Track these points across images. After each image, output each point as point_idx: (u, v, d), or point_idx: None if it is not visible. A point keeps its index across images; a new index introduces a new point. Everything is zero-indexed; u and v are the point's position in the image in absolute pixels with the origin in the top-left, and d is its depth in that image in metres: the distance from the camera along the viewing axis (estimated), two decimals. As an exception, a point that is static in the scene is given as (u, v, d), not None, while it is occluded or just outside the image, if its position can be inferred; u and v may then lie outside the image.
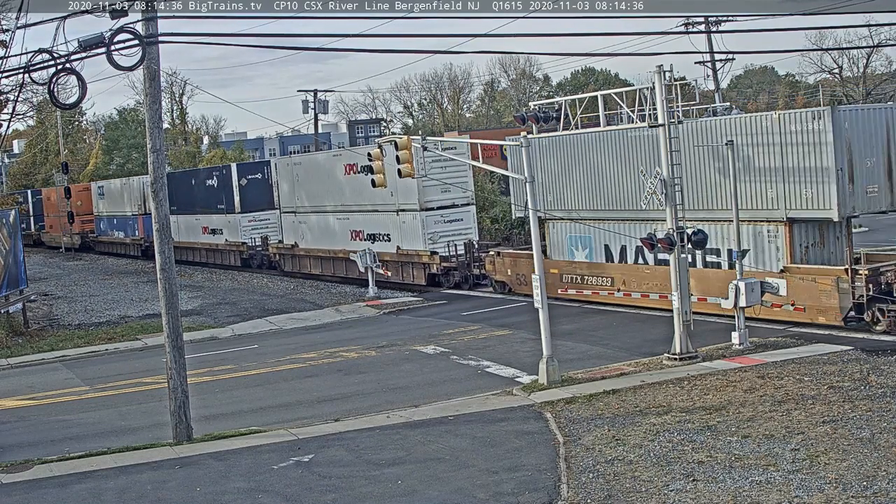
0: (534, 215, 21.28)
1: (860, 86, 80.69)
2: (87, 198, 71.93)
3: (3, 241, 33.93)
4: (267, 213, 49.98)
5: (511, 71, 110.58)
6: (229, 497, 14.82)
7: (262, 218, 50.23)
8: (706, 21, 47.12)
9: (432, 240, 36.56)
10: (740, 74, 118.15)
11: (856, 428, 15.40)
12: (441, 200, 37.02)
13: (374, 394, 21.37)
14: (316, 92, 62.52)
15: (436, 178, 34.76)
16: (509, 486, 14.23)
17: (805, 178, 23.33)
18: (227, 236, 51.35)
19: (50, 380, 25.97)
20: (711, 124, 25.43)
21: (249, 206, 50.09)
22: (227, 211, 50.87)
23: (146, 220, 58.77)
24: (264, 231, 49.64)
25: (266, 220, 50.07)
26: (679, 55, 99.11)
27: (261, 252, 49.03)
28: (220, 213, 51.57)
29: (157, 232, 18.68)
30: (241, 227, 49.97)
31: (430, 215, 36.80)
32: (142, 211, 60.69)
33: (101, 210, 69.88)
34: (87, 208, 71.70)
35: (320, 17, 26.46)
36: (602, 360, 22.44)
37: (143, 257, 59.73)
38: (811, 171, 23.15)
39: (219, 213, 51.63)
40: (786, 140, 23.54)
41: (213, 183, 52.64)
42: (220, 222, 51.95)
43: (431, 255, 36.57)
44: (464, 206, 37.41)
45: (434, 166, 35.19)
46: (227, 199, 50.77)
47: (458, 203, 37.40)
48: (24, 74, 18.24)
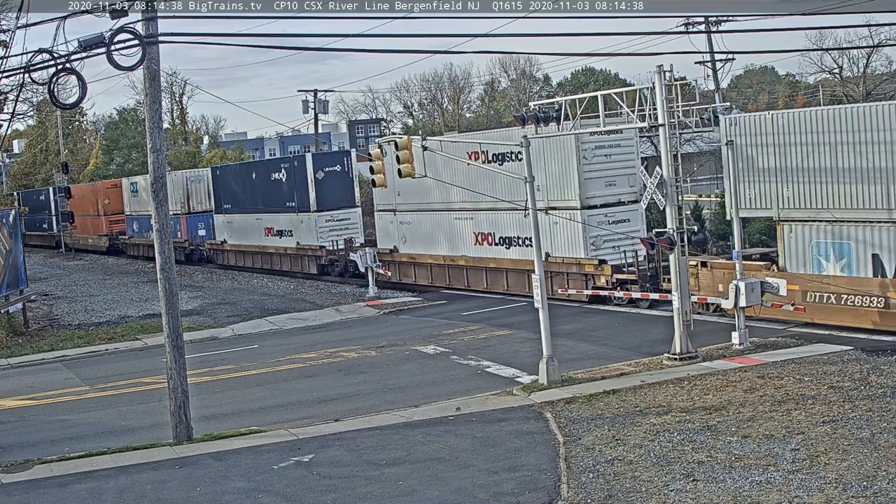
0: (534, 215, 21.28)
1: (860, 86, 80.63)
2: (117, 195, 64.51)
3: (4, 241, 33.92)
4: (347, 211, 43.65)
5: (511, 71, 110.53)
6: (229, 497, 14.82)
7: (340, 217, 43.60)
8: (706, 21, 47.09)
9: (595, 245, 29.98)
10: (740, 74, 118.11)
11: (856, 428, 15.40)
12: (605, 196, 30.50)
13: (374, 394, 21.37)
14: (316, 92, 62.50)
15: (599, 169, 29.61)
16: (509, 486, 14.23)
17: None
18: (300, 239, 44.37)
19: (50, 380, 25.97)
20: None
21: (327, 203, 43.22)
22: (300, 209, 43.97)
23: (190, 221, 54.84)
24: (343, 232, 42.77)
25: (345, 219, 43.62)
26: (679, 55, 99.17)
27: (345, 257, 41.34)
28: (289, 211, 44.85)
29: (158, 232, 18.69)
30: (318, 228, 43.06)
31: (592, 214, 30.02)
32: (185, 210, 55.06)
33: (134, 209, 61.79)
34: (117, 207, 64.59)
35: (320, 17, 26.52)
36: (602, 360, 22.44)
37: (188, 262, 54.06)
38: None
39: (288, 211, 44.92)
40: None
41: (281, 177, 45.81)
42: (290, 223, 45.07)
43: (599, 265, 29.64)
44: (631, 204, 30.74)
45: (597, 154, 29.79)
46: (298, 195, 43.65)
47: (625, 200, 30.80)
48: (24, 74, 18.28)
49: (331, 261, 42.55)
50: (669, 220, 21.85)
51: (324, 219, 43.16)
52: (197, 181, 54.70)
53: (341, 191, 43.40)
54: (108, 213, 65.47)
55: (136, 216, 61.63)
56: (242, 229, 49.65)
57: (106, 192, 65.65)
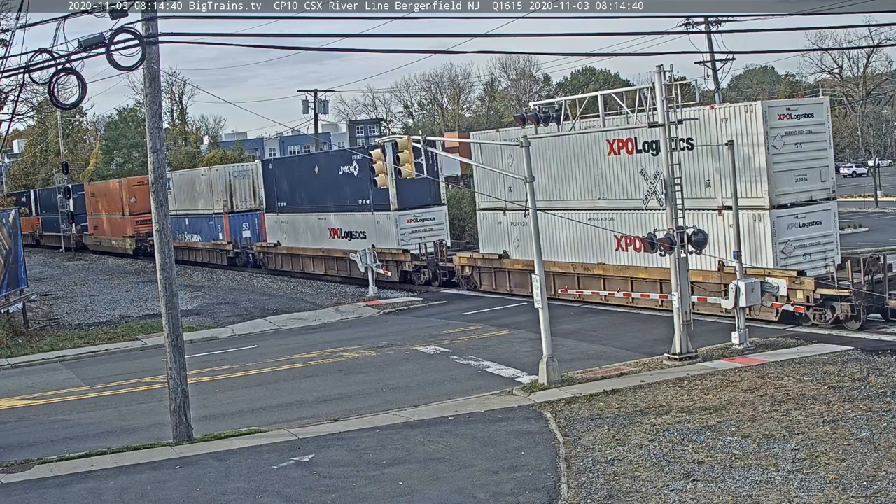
0: (534, 215, 21.29)
1: (860, 86, 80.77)
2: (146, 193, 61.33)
3: (4, 241, 33.93)
4: (431, 210, 38.23)
5: (511, 71, 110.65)
6: (229, 497, 14.82)
7: (424, 217, 38.16)
8: (706, 21, 47.08)
9: (785, 252, 24.90)
10: (740, 74, 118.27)
11: (856, 428, 15.40)
12: (796, 193, 25.32)
13: (374, 394, 21.37)
14: (316, 92, 62.51)
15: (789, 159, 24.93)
16: (509, 486, 14.23)
17: None
18: (375, 241, 38.95)
19: (50, 380, 25.97)
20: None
21: (409, 200, 37.88)
22: (376, 208, 38.88)
23: (234, 221, 50.75)
24: (427, 234, 37.69)
25: (430, 219, 38.28)
26: (679, 55, 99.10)
27: (436, 262, 36.40)
28: (362, 210, 39.91)
29: (157, 232, 18.68)
30: (399, 229, 37.89)
31: (782, 216, 24.91)
32: (227, 208, 50.67)
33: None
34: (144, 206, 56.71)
35: (320, 18, 26.50)
36: (602, 360, 22.44)
37: (232, 266, 50.65)
38: None
39: (361, 210, 39.99)
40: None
41: (352, 170, 40.17)
42: (363, 223, 40.10)
43: (797, 279, 24.00)
44: (824, 202, 25.76)
45: (787, 142, 24.93)
46: (375, 191, 37.08)
47: (818, 198, 25.72)
48: (24, 74, 18.26)
49: (416, 266, 37.45)
50: (669, 220, 21.85)
51: (405, 218, 37.90)
52: (242, 176, 51.17)
53: (426, 186, 36.81)
54: (134, 213, 60.25)
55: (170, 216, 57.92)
56: (300, 230, 44.65)
57: (132, 190, 60.11)
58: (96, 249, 67.34)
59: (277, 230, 47.01)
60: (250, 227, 50.23)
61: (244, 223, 50.64)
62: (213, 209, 52.00)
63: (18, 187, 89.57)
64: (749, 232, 24.84)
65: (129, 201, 60.41)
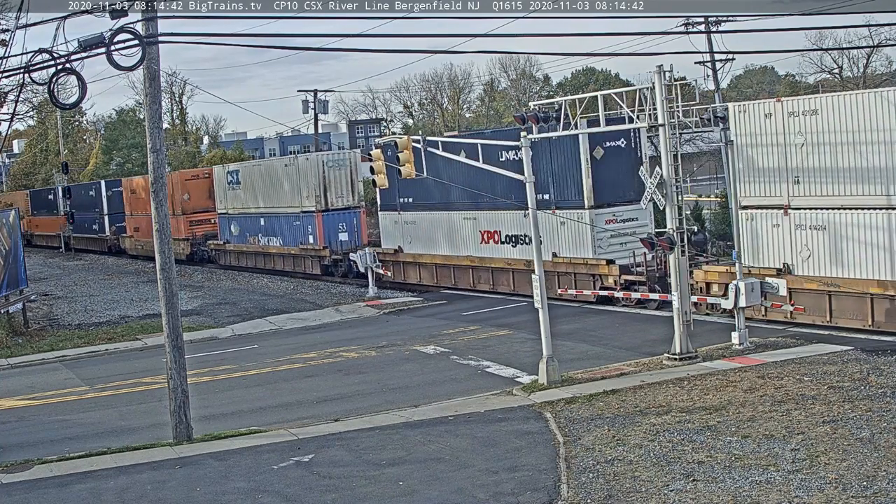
0: (534, 214, 21.29)
1: (860, 86, 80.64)
2: (203, 189, 51.02)
3: (4, 241, 33.93)
4: (631, 208, 29.20)
5: (511, 71, 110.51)
6: (229, 497, 14.82)
7: (624, 217, 29.78)
8: (706, 21, 47.03)
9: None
10: (740, 74, 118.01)
11: (856, 428, 15.40)
12: None
13: (374, 394, 21.38)
14: (316, 92, 62.45)
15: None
16: (509, 486, 14.23)
17: None
18: (557, 248, 30.54)
19: (50, 380, 25.97)
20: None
21: (606, 195, 29.73)
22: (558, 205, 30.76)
23: (328, 221, 41.84)
24: (628, 239, 28.98)
25: (631, 219, 29.71)
26: (679, 55, 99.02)
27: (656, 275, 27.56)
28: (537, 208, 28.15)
29: (157, 232, 18.70)
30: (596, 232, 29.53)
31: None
32: (320, 206, 41.74)
33: (232, 205, 48.50)
34: (202, 203, 51.26)
35: (320, 18, 26.49)
36: (602, 360, 22.44)
37: (327, 276, 42.31)
38: None
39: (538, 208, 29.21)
40: None
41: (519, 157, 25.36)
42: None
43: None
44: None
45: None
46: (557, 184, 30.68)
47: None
48: (24, 74, 18.27)
49: (627, 283, 28.45)
50: (669, 220, 21.86)
51: (603, 219, 29.51)
52: (338, 166, 42.42)
53: (627, 177, 28.56)
54: (187, 212, 51.93)
55: (234, 216, 48.69)
56: (434, 233, 36.38)
57: (185, 185, 51.64)
58: (138, 254, 58.00)
59: (397, 233, 38.53)
60: (347, 228, 41.99)
61: (340, 223, 41.98)
62: (302, 206, 42.80)
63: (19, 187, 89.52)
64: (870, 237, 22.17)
65: (181, 198, 51.58)
